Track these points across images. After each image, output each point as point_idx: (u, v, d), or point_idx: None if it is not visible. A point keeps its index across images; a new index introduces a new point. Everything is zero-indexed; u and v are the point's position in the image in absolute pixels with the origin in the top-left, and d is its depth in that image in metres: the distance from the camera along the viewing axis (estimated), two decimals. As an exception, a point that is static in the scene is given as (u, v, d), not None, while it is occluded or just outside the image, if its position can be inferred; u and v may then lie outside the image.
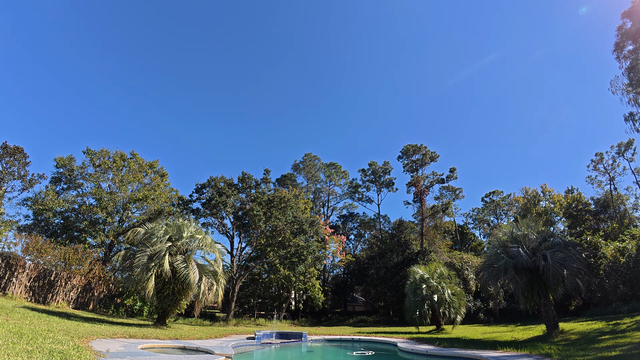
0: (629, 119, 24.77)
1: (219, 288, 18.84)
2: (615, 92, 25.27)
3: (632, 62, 23.09)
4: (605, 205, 43.97)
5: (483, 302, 32.60)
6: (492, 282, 17.28)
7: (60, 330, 9.89)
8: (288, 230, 32.35)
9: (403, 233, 44.60)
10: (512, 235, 17.47)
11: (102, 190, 29.08)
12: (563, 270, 14.94)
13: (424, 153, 49.50)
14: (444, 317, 23.04)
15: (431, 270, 24.32)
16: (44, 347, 6.52)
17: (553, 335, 15.23)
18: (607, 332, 14.49)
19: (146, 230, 18.76)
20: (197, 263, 18.64)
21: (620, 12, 23.05)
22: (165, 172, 34.55)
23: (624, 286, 22.91)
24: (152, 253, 17.20)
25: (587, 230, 36.97)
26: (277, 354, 14.72)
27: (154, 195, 30.72)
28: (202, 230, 20.61)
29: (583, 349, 10.78)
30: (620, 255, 23.64)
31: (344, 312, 46.22)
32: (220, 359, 9.12)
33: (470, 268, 34.13)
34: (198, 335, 15.20)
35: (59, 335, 8.72)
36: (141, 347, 10.12)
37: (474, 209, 67.02)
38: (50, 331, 9.26)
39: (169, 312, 18.58)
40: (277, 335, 18.01)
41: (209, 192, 32.78)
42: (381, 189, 55.52)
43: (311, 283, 36.03)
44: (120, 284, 24.19)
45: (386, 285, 37.41)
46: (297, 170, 56.65)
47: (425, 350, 13.41)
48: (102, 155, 30.33)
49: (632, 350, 9.09)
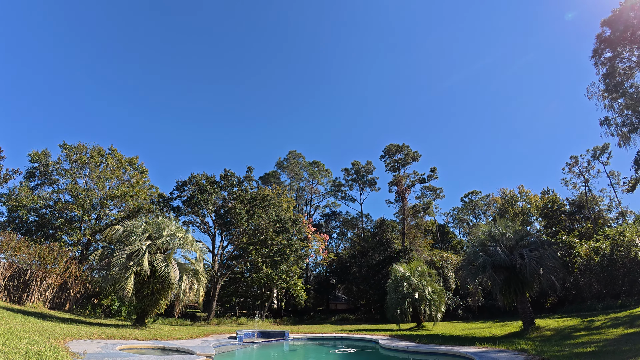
0: (604, 123, 25.69)
1: (200, 287, 18.58)
2: (591, 98, 26.22)
3: (609, 69, 23.93)
4: (580, 207, 45.61)
5: (462, 300, 33.31)
6: (471, 279, 17.71)
7: (37, 331, 9.67)
8: (271, 229, 32.17)
9: (385, 232, 45.05)
10: (491, 234, 17.92)
11: (78, 186, 28.12)
12: (539, 268, 15.43)
13: (406, 153, 50.07)
14: (425, 314, 23.42)
15: (412, 268, 24.67)
16: (20, 348, 6.38)
17: (529, 331, 15.70)
18: (582, 329, 15.01)
19: (125, 228, 18.30)
20: (178, 262, 18.32)
21: (600, 20, 23.86)
22: (145, 168, 33.73)
23: (598, 284, 23.79)
24: (130, 252, 16.80)
25: (562, 230, 38.30)
26: (259, 353, 14.65)
27: (133, 192, 29.93)
28: (183, 229, 20.27)
29: (558, 344, 11.13)
30: (594, 254, 24.54)
31: (326, 310, 46.37)
32: (201, 359, 9.00)
33: (450, 266, 34.79)
34: (178, 336, 14.95)
35: (35, 336, 8.55)
36: (119, 348, 9.88)
37: (454, 209, 68.37)
38: (26, 332, 9.10)
39: (149, 312, 18.20)
40: (259, 335, 17.91)
41: (190, 190, 32.23)
42: (364, 188, 55.89)
43: (294, 282, 35.97)
44: (98, 284, 23.52)
45: (368, 284, 37.73)
46: (281, 168, 56.39)
47: (406, 346, 13.61)
48: (79, 150, 29.29)
49: (607, 347, 9.38)
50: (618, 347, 8.97)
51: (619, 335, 11.57)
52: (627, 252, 22.26)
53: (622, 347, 8.96)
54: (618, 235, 23.63)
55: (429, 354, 12.56)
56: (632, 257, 21.84)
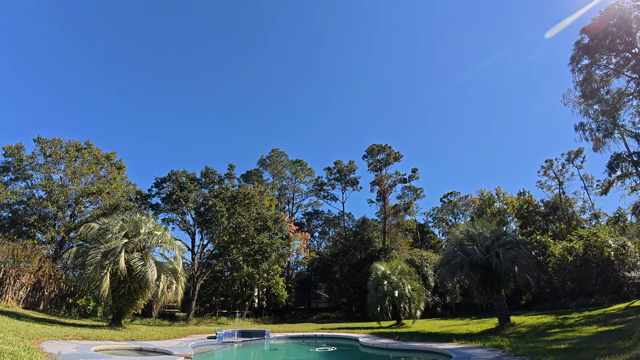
0: (579, 128, 26.62)
1: (178, 286, 18.25)
2: (567, 104, 27.14)
3: (586, 76, 24.77)
4: (554, 208, 47.26)
5: (441, 297, 33.99)
6: (449, 278, 18.09)
7: (10, 331, 9.50)
8: (252, 227, 31.90)
9: (366, 231, 45.43)
10: (468, 233, 18.36)
11: (52, 182, 27.07)
12: (514, 267, 15.90)
13: (389, 153, 50.60)
14: (404, 312, 23.75)
15: (393, 267, 24.98)
16: (-7, 348, 6.21)
17: (505, 328, 16.17)
18: (556, 326, 15.54)
19: (100, 226, 17.81)
20: (156, 260, 17.96)
21: (580, 27, 24.64)
22: (123, 164, 32.80)
23: (571, 283, 24.69)
24: (106, 250, 16.35)
25: (537, 230, 39.56)
26: (239, 353, 14.51)
27: (110, 188, 29.04)
28: (162, 226, 19.86)
29: (533, 341, 11.47)
30: (568, 254, 25.45)
31: (307, 309, 46.36)
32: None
33: (430, 265, 35.41)
34: (156, 336, 14.64)
35: (9, 336, 8.39)
36: (95, 349, 9.62)
37: (434, 208, 69.61)
38: (0, 331, 8.95)
39: (125, 313, 17.76)
40: (239, 334, 17.74)
41: (169, 187, 31.60)
42: (346, 187, 56.17)
43: (275, 280, 35.79)
44: (72, 283, 22.79)
45: (349, 282, 37.97)
46: (263, 166, 56.00)
47: (386, 344, 13.77)
48: (54, 144, 28.19)
49: (581, 344, 9.66)
50: (592, 345, 9.25)
51: (592, 333, 11.99)
52: (600, 252, 23.17)
53: (596, 344, 9.23)
54: (591, 236, 24.56)
55: (408, 351, 12.75)
56: (604, 257, 22.75)
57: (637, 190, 27.54)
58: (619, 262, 22.49)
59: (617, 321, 13.90)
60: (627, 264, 22.45)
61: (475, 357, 9.26)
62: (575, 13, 31.12)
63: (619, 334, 10.47)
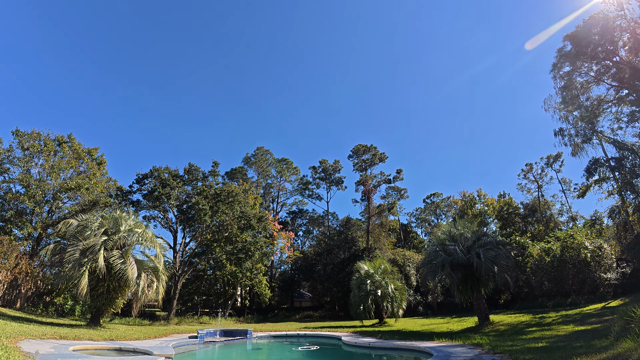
0: (559, 134, 27.33)
1: (159, 285, 17.94)
2: (548, 110, 27.81)
3: (566, 82, 25.40)
4: (533, 210, 48.58)
5: (422, 296, 34.49)
6: (431, 277, 18.40)
7: None
8: (235, 226, 31.62)
9: (350, 230, 45.67)
10: (450, 234, 18.70)
11: (30, 176, 26.13)
12: (494, 267, 16.28)
13: (374, 154, 50.94)
14: (387, 310, 24.01)
15: (376, 266, 25.20)
16: (-30, 346, 5.97)
17: (484, 326, 16.54)
18: (534, 325, 15.96)
19: (79, 222, 17.35)
20: (136, 259, 17.61)
21: (563, 34, 25.12)
22: (104, 159, 31.91)
23: (549, 283, 25.42)
24: (85, 247, 15.94)
25: (516, 231, 40.57)
26: (221, 353, 14.37)
27: (89, 184, 28.23)
28: (142, 224, 19.48)
29: (511, 339, 11.77)
30: (545, 255, 26.19)
31: (290, 308, 46.30)
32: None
33: (412, 264, 35.87)
34: (136, 336, 14.36)
35: None
36: (73, 349, 9.39)
37: (417, 209, 70.42)
38: None
39: (104, 312, 17.36)
40: (221, 333, 17.56)
41: (151, 183, 31.00)
42: (331, 186, 56.26)
43: (258, 279, 35.57)
44: (50, 281, 22.12)
45: (333, 281, 38.09)
46: (248, 163, 55.54)
47: (368, 342, 13.88)
48: (33, 137, 27.23)
49: (559, 343, 9.93)
50: (569, 343, 9.50)
51: (570, 332, 12.37)
52: (576, 253, 23.94)
53: (573, 343, 9.48)
54: (568, 238, 25.35)
55: (390, 349, 12.89)
56: (581, 258, 23.52)
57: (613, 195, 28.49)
58: (595, 264, 23.27)
59: (593, 321, 14.36)
60: (603, 265, 23.26)
61: (455, 355, 9.44)
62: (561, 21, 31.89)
63: (595, 333, 10.78)
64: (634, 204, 25.40)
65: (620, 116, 25.54)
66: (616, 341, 7.68)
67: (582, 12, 26.62)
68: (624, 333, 7.83)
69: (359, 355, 13.39)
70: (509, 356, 8.41)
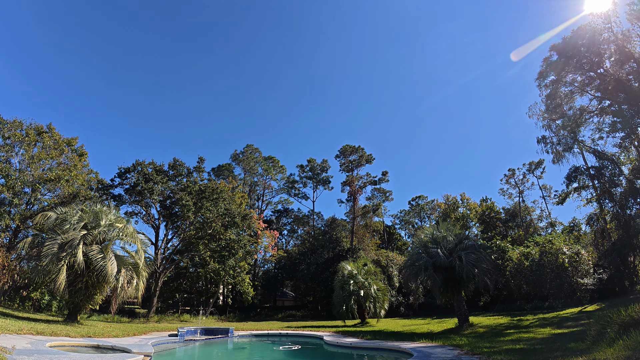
0: (541, 141, 28.05)
1: (140, 282, 17.65)
2: (532, 117, 28.54)
3: (551, 91, 26.05)
4: (514, 215, 49.73)
5: (404, 297, 34.86)
6: (413, 279, 18.61)
7: None
8: (219, 223, 31.31)
9: (335, 230, 45.79)
10: (433, 236, 18.96)
11: (9, 166, 25.23)
12: (475, 270, 16.58)
13: (361, 155, 51.23)
14: (369, 311, 24.18)
15: (359, 267, 25.35)
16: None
17: (464, 327, 16.83)
18: (512, 327, 16.32)
19: (58, 215, 16.92)
20: (116, 254, 17.29)
21: (550, 44, 25.73)
22: (84, 151, 31.11)
23: (527, 286, 26.02)
24: (63, 241, 15.56)
25: (497, 235, 41.48)
26: (201, 351, 14.22)
27: (69, 176, 27.45)
28: (123, 219, 19.16)
29: (490, 341, 12.00)
30: (524, 259, 26.82)
31: (273, 307, 46.13)
32: (137, 358, 8.57)
33: (395, 266, 36.20)
34: (114, 333, 14.06)
35: None
36: (50, 345, 9.16)
37: (402, 211, 71.09)
38: None
39: (82, 308, 16.98)
40: (202, 332, 17.36)
41: (134, 177, 30.39)
42: (317, 186, 56.31)
43: (241, 277, 35.29)
44: (27, 275, 21.48)
45: (316, 281, 38.12)
46: (236, 160, 55.04)
47: (350, 342, 13.96)
48: (14, 126, 26.27)
49: (536, 345, 10.16)
50: (547, 346, 9.73)
51: (547, 334, 12.69)
52: (554, 258, 24.59)
53: (550, 345, 9.71)
54: (547, 243, 26.02)
55: (371, 349, 13.00)
56: (559, 263, 24.17)
57: (592, 202, 29.37)
58: (573, 269, 23.96)
59: (570, 324, 14.78)
60: (580, 270, 23.96)
61: (435, 355, 9.58)
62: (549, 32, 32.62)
63: (572, 336, 11.07)
64: (611, 212, 26.22)
65: (602, 126, 26.37)
66: (592, 345, 7.88)
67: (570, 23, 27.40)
68: (600, 337, 8.05)
69: (341, 355, 13.45)
70: (487, 357, 8.58)
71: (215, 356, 13.83)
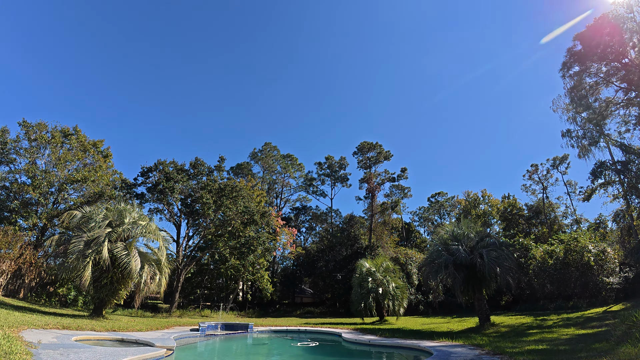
0: (566, 135, 27.01)
1: (162, 278, 18.08)
2: (556, 110, 27.50)
3: (575, 83, 25.03)
4: (537, 212, 48.21)
5: (424, 295, 34.48)
6: (432, 276, 18.33)
7: None
8: (239, 220, 31.76)
9: (353, 228, 45.68)
10: (453, 234, 18.61)
11: (36, 167, 26.37)
12: (496, 268, 16.19)
13: (379, 151, 50.82)
14: (388, 309, 24.02)
15: (377, 264, 25.20)
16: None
17: (485, 327, 16.49)
18: (535, 327, 15.89)
19: (83, 214, 17.50)
20: (139, 251, 17.76)
21: (574, 34, 24.81)
22: (109, 152, 32.15)
23: (551, 285, 25.23)
24: (89, 239, 16.09)
25: (519, 233, 40.32)
26: (221, 346, 14.47)
27: (95, 176, 28.47)
28: (146, 216, 19.63)
29: (512, 341, 11.72)
30: (548, 257, 26.00)
31: (292, 303, 46.51)
32: (160, 352, 8.78)
33: (414, 263, 35.83)
34: (138, 327, 14.49)
35: None
36: (75, 339, 9.48)
37: (420, 208, 70.27)
38: None
39: (107, 303, 17.55)
40: (222, 327, 17.68)
41: (155, 176, 31.19)
42: (335, 183, 56.26)
43: (260, 274, 35.75)
44: (53, 272, 22.32)
45: (334, 278, 38.16)
46: (254, 159, 55.61)
47: (368, 340, 13.91)
48: (40, 128, 27.41)
49: (560, 346, 9.85)
50: (570, 347, 9.44)
51: (571, 335, 12.29)
52: (579, 257, 23.74)
53: (575, 346, 9.42)
54: (572, 241, 25.13)
55: (390, 347, 12.90)
56: (584, 261, 23.32)
57: (618, 199, 28.16)
58: (598, 268, 23.09)
59: (594, 324, 14.28)
60: (606, 269, 23.06)
61: (456, 355, 9.43)
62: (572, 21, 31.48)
63: (596, 337, 10.72)
64: (639, 209, 25.11)
65: (628, 119, 25.19)
66: (617, 345, 7.63)
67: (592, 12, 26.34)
68: (625, 338, 7.78)
69: (359, 352, 13.43)
70: (510, 357, 8.39)
71: (235, 351, 14.05)
